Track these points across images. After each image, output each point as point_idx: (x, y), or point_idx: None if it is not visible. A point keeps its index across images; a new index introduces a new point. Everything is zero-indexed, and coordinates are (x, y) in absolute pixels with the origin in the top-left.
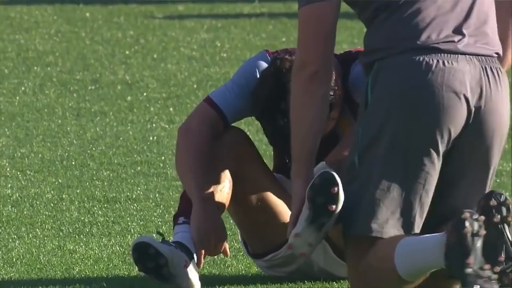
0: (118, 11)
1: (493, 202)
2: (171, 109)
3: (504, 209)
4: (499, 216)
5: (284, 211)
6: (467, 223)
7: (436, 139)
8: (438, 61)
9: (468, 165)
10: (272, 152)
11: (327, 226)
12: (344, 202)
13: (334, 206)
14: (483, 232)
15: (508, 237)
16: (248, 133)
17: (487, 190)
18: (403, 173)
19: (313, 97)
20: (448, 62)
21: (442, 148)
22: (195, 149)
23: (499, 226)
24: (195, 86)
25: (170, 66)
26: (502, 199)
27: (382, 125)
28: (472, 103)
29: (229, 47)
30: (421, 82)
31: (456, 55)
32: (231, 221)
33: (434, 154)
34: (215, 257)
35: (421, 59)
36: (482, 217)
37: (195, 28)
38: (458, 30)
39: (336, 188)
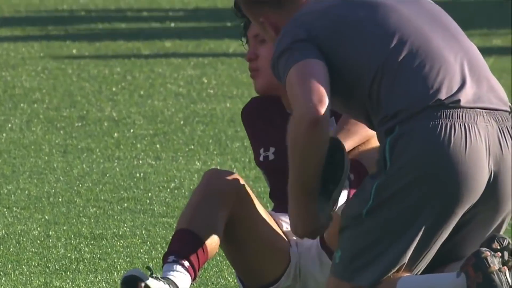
0: (105, 48)
1: (495, 245)
2: (157, 145)
3: (506, 253)
4: (500, 260)
5: (279, 248)
6: (490, 261)
7: (457, 208)
8: (460, 126)
9: (480, 220)
10: (266, 179)
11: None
12: (343, 246)
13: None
14: (504, 268)
15: (508, 282)
16: (235, 170)
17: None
18: (413, 234)
19: (317, 143)
20: (469, 127)
21: (461, 214)
22: None
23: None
24: (182, 122)
25: (157, 102)
26: (505, 243)
27: (402, 189)
28: (491, 167)
29: (216, 84)
30: (444, 152)
31: (475, 115)
32: (218, 258)
33: (452, 221)
34: None
35: (442, 124)
36: (499, 253)
37: (182, 65)
38: (467, 81)
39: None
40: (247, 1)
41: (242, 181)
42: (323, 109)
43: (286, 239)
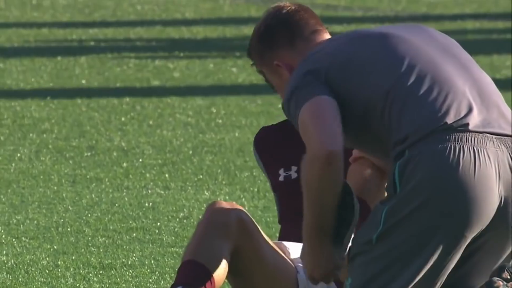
0: (114, 78)
1: (506, 275)
2: (166, 175)
3: None
4: None
5: (286, 275)
6: None
7: (466, 232)
8: (469, 149)
9: (490, 248)
10: (278, 203)
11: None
12: (354, 273)
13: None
14: None
15: None
16: (243, 200)
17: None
18: (423, 259)
19: (333, 180)
20: (478, 150)
21: (470, 238)
22: None
23: None
24: (190, 152)
25: (165, 132)
26: None
27: (411, 213)
28: (501, 192)
29: (225, 113)
30: (453, 174)
31: (484, 139)
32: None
33: (462, 245)
34: None
35: (451, 147)
36: (511, 283)
37: (190, 94)
38: (476, 106)
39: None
40: (261, 47)
41: (245, 212)
42: (336, 146)
43: (293, 265)
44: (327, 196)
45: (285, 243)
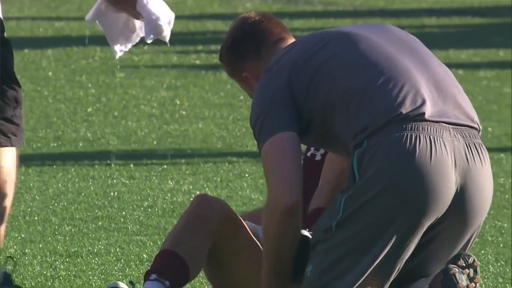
0: (80, 71)
1: (461, 263)
2: (131, 165)
3: (471, 270)
4: (467, 276)
5: (260, 274)
6: (458, 278)
7: (423, 219)
8: (425, 137)
9: (447, 236)
10: None
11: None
12: (314, 260)
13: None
14: (472, 285)
15: None
16: (207, 189)
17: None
18: (381, 246)
19: (291, 230)
20: (434, 139)
21: (427, 225)
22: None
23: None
24: (155, 142)
25: (130, 123)
26: (471, 260)
27: (369, 201)
28: (458, 180)
29: (188, 105)
30: (409, 162)
31: (441, 129)
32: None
33: (419, 232)
34: None
35: (407, 135)
36: (467, 270)
37: (155, 87)
38: (432, 97)
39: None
40: (230, 62)
41: (229, 207)
42: (294, 198)
43: None
44: (285, 244)
45: None
